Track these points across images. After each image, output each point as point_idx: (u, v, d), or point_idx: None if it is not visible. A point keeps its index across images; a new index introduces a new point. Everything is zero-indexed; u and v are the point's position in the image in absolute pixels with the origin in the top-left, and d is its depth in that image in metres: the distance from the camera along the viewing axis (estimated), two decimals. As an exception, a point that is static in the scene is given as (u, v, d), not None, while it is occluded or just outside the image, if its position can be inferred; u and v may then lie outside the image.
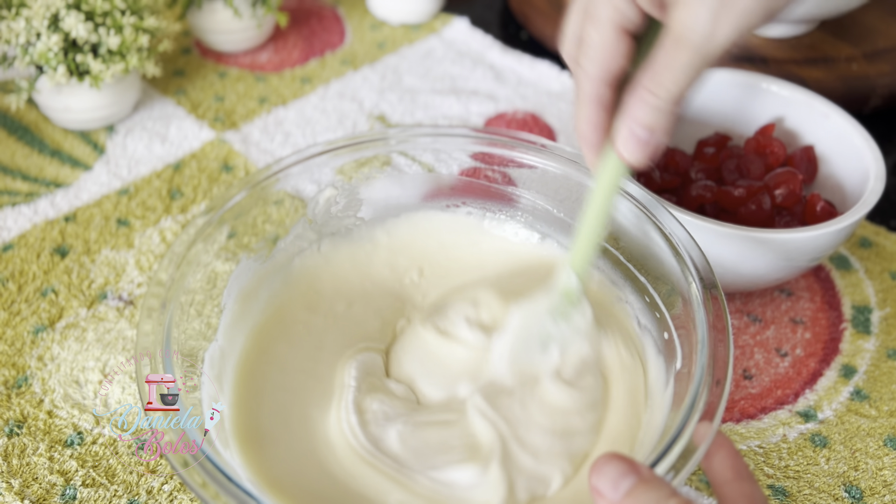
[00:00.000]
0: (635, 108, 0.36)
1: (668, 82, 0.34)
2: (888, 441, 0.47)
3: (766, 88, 0.59)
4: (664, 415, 0.38)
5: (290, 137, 0.69)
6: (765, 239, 0.47)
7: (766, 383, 0.50)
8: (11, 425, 0.46)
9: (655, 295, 0.44)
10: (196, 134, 0.68)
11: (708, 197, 0.54)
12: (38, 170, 0.64)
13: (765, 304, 0.55)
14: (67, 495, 0.43)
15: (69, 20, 0.61)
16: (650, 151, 0.36)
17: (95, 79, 0.63)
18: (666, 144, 0.36)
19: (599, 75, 0.37)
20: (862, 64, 0.72)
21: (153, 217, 0.60)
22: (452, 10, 0.86)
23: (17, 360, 0.50)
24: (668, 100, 0.35)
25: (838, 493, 0.44)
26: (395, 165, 0.52)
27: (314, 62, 0.78)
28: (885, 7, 0.78)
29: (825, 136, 0.57)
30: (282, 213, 0.49)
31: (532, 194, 0.51)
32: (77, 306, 0.53)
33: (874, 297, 0.56)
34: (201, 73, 0.76)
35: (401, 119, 0.71)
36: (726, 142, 0.59)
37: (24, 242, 0.58)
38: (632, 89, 0.36)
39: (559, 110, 0.72)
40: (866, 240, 0.60)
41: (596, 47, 0.36)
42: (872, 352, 0.52)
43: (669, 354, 0.42)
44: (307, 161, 0.48)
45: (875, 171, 0.52)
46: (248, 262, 0.47)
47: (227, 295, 0.46)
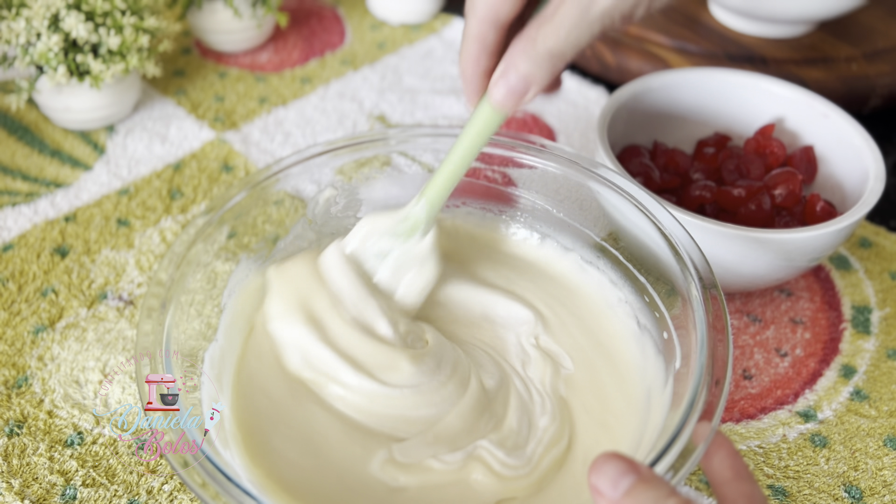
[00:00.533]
0: (515, 56, 0.36)
1: (549, 35, 0.35)
2: (888, 441, 0.47)
3: (766, 88, 0.59)
4: (663, 414, 0.38)
5: (290, 137, 0.69)
6: (765, 239, 0.47)
7: (766, 383, 0.50)
8: (11, 425, 0.46)
9: (655, 295, 0.44)
10: (196, 134, 0.69)
11: (708, 197, 0.54)
12: (38, 170, 0.64)
13: (765, 304, 0.55)
14: (67, 495, 0.43)
15: (69, 20, 0.61)
16: (520, 100, 0.37)
17: (95, 79, 0.63)
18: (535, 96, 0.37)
19: (487, 16, 0.37)
20: (862, 64, 0.72)
21: (153, 217, 0.60)
22: (452, 10, 0.86)
23: (17, 360, 0.50)
24: (546, 53, 0.35)
25: (838, 493, 0.44)
26: (394, 165, 0.52)
27: (314, 62, 0.78)
28: (885, 7, 0.78)
29: (825, 136, 0.57)
30: (282, 214, 0.49)
31: (532, 194, 0.51)
32: (77, 306, 0.53)
33: (874, 298, 0.56)
34: (201, 73, 0.76)
35: (401, 119, 0.71)
36: (726, 142, 0.59)
37: (25, 242, 0.58)
38: (517, 38, 0.36)
39: (559, 110, 0.72)
40: (866, 240, 0.60)
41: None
42: (872, 352, 0.52)
43: (669, 354, 0.42)
44: (307, 161, 0.48)
45: (875, 171, 0.52)
46: (249, 262, 0.47)
47: (227, 295, 0.46)
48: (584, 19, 0.34)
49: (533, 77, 0.36)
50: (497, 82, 0.37)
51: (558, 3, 0.35)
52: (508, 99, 0.37)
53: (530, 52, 0.35)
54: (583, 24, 0.34)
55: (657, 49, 0.74)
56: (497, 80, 0.37)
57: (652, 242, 0.44)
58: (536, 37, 0.35)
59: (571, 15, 0.34)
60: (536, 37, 0.35)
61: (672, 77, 0.59)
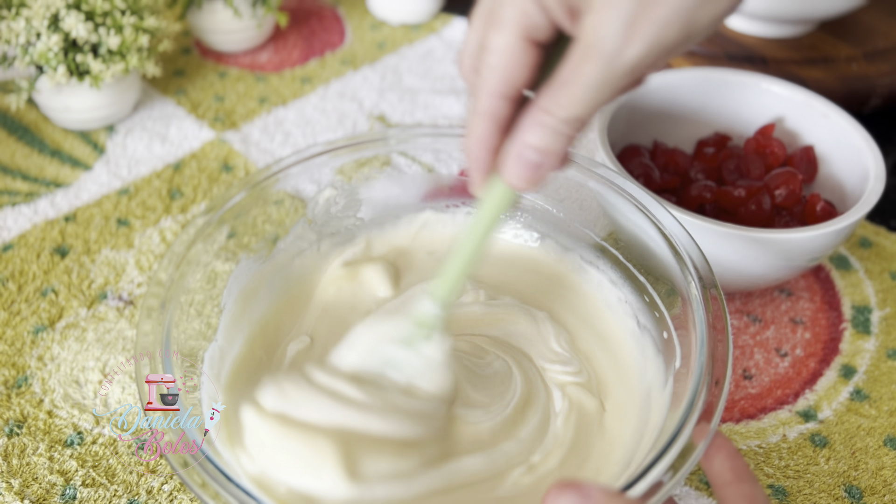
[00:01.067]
0: (528, 129, 0.31)
1: (568, 101, 0.30)
2: (888, 441, 0.47)
3: (766, 88, 0.59)
4: (663, 414, 0.38)
5: (290, 137, 0.69)
6: (765, 239, 0.47)
7: (766, 383, 0.50)
8: (11, 425, 0.46)
9: (655, 294, 0.44)
10: (196, 134, 0.69)
11: (708, 197, 0.54)
12: (38, 170, 0.64)
13: (765, 304, 0.55)
14: (67, 495, 0.43)
15: (69, 20, 0.61)
16: (539, 178, 0.32)
17: (95, 79, 0.63)
18: (558, 171, 0.33)
19: (499, 88, 0.32)
20: (862, 64, 0.72)
21: (153, 217, 0.60)
22: (452, 10, 0.86)
23: (17, 360, 0.50)
24: (566, 121, 0.31)
25: (838, 492, 0.44)
26: (394, 165, 0.52)
27: (314, 62, 0.78)
28: (885, 7, 0.78)
29: (825, 136, 0.57)
30: (282, 214, 0.49)
31: (532, 194, 0.51)
32: (77, 306, 0.53)
33: (874, 298, 0.56)
34: (201, 73, 0.76)
35: (401, 119, 0.71)
36: (726, 142, 0.59)
37: (24, 242, 0.58)
38: (528, 108, 0.32)
39: (559, 110, 0.72)
40: (866, 240, 0.60)
41: (498, 54, 0.32)
42: (872, 352, 0.52)
43: (668, 354, 0.42)
44: (307, 161, 0.48)
45: (875, 171, 0.52)
46: (248, 262, 0.47)
47: (226, 295, 0.46)
48: (609, 77, 0.29)
49: (551, 149, 0.32)
50: (511, 160, 0.32)
51: (578, 62, 0.30)
52: (525, 177, 0.32)
53: (548, 123, 0.31)
54: (607, 83, 0.29)
55: (657, 49, 0.73)
56: (511, 157, 0.32)
57: (652, 242, 0.44)
58: (551, 104, 0.31)
59: (595, 73, 0.29)
60: (551, 104, 0.31)
61: (672, 77, 0.59)
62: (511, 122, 0.33)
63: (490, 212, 0.35)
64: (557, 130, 0.31)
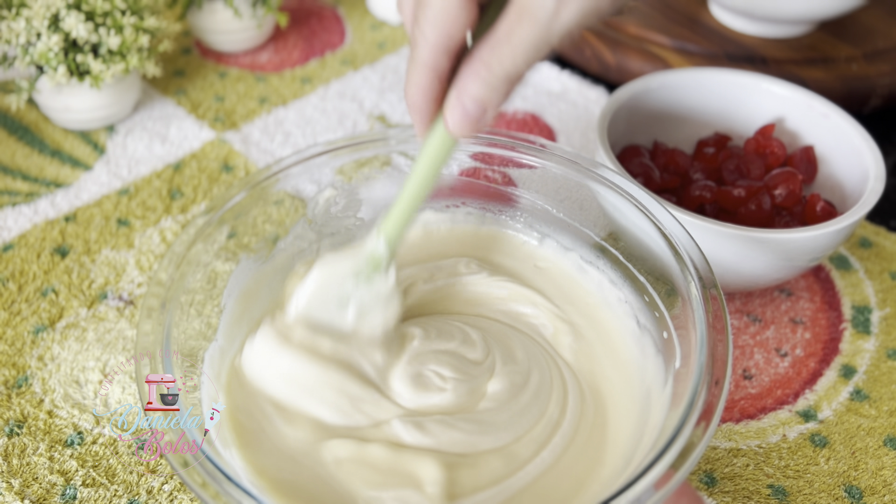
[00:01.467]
0: (468, 81, 0.34)
1: (506, 58, 0.33)
2: (888, 441, 0.47)
3: (766, 88, 0.59)
4: (663, 414, 0.38)
5: (290, 137, 0.69)
6: (765, 239, 0.47)
7: (766, 383, 0.50)
8: (11, 425, 0.46)
9: (655, 294, 0.44)
10: (196, 134, 0.69)
11: (708, 197, 0.54)
12: (38, 170, 0.64)
13: (765, 304, 0.55)
14: (67, 495, 0.43)
15: (69, 20, 0.61)
16: (477, 126, 0.35)
17: (95, 79, 0.63)
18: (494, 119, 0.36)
19: (437, 41, 0.34)
20: (862, 64, 0.72)
21: (153, 217, 0.60)
22: (452, 11, 0.86)
23: (18, 360, 0.50)
24: (503, 77, 0.33)
25: (838, 492, 0.44)
26: (394, 165, 0.52)
27: (314, 62, 0.78)
28: (885, 7, 0.78)
29: (825, 136, 0.57)
30: (282, 214, 0.49)
31: (532, 194, 0.51)
32: (77, 306, 0.53)
33: (874, 298, 0.56)
34: (201, 73, 0.76)
35: (401, 119, 0.71)
36: (726, 142, 0.59)
37: (25, 242, 0.58)
38: (468, 60, 0.34)
39: (559, 110, 0.72)
40: (866, 240, 0.60)
41: (437, 9, 0.33)
42: (872, 352, 0.52)
43: (668, 354, 0.42)
44: (307, 161, 0.48)
45: (875, 171, 0.52)
46: (249, 262, 0.47)
47: (227, 295, 0.46)
48: (544, 39, 0.32)
49: (490, 101, 0.34)
50: (453, 109, 0.35)
51: (513, 21, 0.32)
52: (465, 125, 0.35)
53: (485, 76, 0.33)
54: (542, 44, 0.32)
55: (657, 49, 0.74)
56: (453, 106, 0.35)
57: (652, 242, 0.44)
58: (491, 60, 0.33)
59: (530, 36, 0.32)
60: (491, 60, 0.33)
61: (672, 77, 0.59)
62: (448, 73, 0.35)
63: (432, 154, 0.38)
64: (495, 85, 0.34)
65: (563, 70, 0.77)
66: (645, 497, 0.32)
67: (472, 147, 0.50)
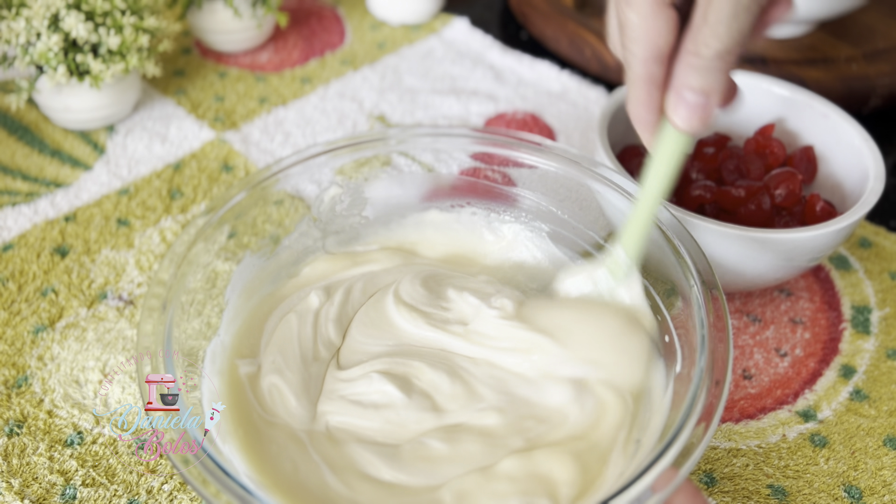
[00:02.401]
0: (682, 74, 0.34)
1: (710, 38, 0.33)
2: (888, 441, 0.47)
3: (766, 88, 0.59)
4: (664, 416, 0.38)
5: (290, 137, 0.69)
6: (765, 239, 0.47)
7: (766, 383, 0.50)
8: (11, 425, 0.46)
9: (655, 295, 0.44)
10: (196, 134, 0.69)
11: (708, 197, 0.54)
12: (38, 170, 0.64)
13: (764, 304, 0.55)
14: (67, 495, 0.43)
15: (69, 20, 0.61)
16: (705, 116, 0.35)
17: (95, 79, 0.63)
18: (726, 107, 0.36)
19: (644, 54, 0.35)
20: (862, 64, 0.72)
21: (153, 217, 0.60)
22: (452, 11, 0.86)
23: (17, 360, 0.50)
24: (713, 58, 0.33)
25: (838, 492, 0.44)
26: (394, 165, 0.52)
27: (314, 62, 0.78)
28: (885, 7, 0.78)
29: (825, 136, 0.57)
30: (282, 214, 0.49)
31: (532, 194, 0.51)
32: (77, 306, 0.53)
33: (874, 298, 0.56)
34: (201, 73, 0.76)
35: (401, 119, 0.71)
36: (726, 142, 0.59)
37: (24, 242, 0.58)
38: (677, 58, 0.35)
39: (559, 110, 0.72)
40: (866, 240, 0.60)
41: (635, 27, 0.35)
42: (872, 352, 0.52)
43: (669, 355, 0.42)
44: (307, 161, 0.48)
45: (875, 171, 0.52)
46: (253, 258, 0.47)
47: (230, 291, 0.46)
48: (738, 5, 0.32)
49: (709, 86, 0.34)
50: (675, 106, 0.35)
51: (704, 3, 0.33)
52: (693, 117, 0.35)
53: (697, 64, 0.34)
54: (740, 10, 0.32)
55: (657, 49, 0.73)
56: (675, 104, 0.35)
57: (652, 242, 0.44)
58: (697, 46, 0.33)
59: (724, 7, 0.32)
60: (697, 46, 0.33)
61: (672, 77, 0.59)
62: (665, 80, 0.36)
63: (664, 160, 0.38)
64: (710, 67, 0.33)
65: (563, 70, 0.77)
66: (644, 497, 0.32)
67: (472, 147, 0.50)
